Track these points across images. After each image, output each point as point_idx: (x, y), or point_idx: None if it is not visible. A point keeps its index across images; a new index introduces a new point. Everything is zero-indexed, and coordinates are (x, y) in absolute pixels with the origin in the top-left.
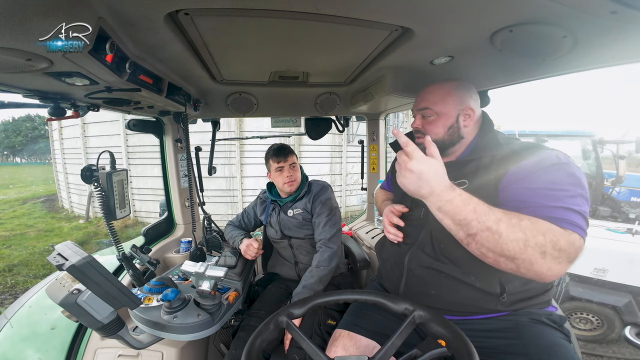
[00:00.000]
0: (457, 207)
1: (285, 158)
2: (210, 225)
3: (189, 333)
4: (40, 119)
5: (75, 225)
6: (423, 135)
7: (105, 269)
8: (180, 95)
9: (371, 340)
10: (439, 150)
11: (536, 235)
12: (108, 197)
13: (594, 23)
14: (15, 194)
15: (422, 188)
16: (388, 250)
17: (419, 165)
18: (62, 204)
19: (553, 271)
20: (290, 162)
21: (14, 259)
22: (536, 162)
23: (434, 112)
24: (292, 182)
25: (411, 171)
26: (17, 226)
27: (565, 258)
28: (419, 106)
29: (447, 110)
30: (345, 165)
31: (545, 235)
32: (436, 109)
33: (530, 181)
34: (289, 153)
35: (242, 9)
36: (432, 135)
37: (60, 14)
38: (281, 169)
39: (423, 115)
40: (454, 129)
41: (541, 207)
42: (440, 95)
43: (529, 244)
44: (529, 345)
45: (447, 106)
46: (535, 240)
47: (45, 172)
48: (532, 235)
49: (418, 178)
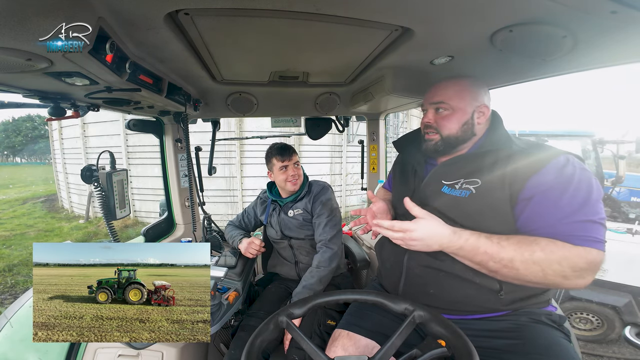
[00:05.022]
0: (469, 252)
1: (290, 157)
2: (210, 225)
3: None
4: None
5: (75, 225)
6: (435, 130)
7: None
8: (180, 95)
9: (371, 340)
10: (448, 146)
11: (552, 265)
12: (108, 197)
13: (594, 23)
14: (15, 194)
15: (433, 247)
16: (387, 250)
17: (418, 234)
18: (62, 204)
19: (580, 285)
20: (294, 160)
21: (14, 259)
22: (555, 172)
23: (450, 106)
24: (296, 181)
25: (415, 240)
26: (17, 226)
27: (588, 274)
28: (432, 100)
29: (463, 106)
30: (345, 165)
31: (562, 263)
32: (452, 103)
33: (550, 196)
34: (293, 152)
35: (242, 9)
36: (445, 130)
37: (60, 14)
38: (285, 168)
39: (437, 109)
40: (468, 125)
41: (561, 223)
42: (455, 90)
43: (547, 274)
44: (529, 345)
45: (463, 102)
46: (552, 269)
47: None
48: (547, 266)
49: (425, 244)
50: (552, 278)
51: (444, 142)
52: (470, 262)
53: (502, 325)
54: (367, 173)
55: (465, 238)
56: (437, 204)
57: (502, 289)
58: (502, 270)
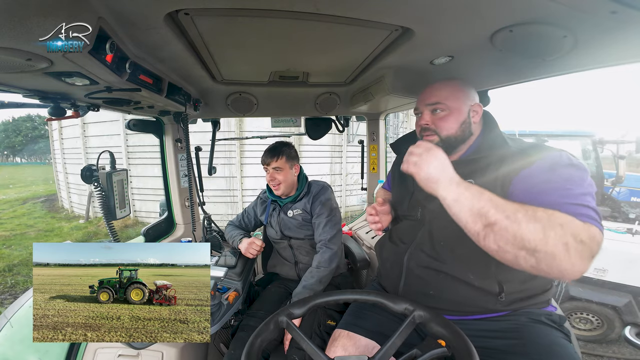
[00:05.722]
0: (474, 195)
1: (269, 161)
2: (210, 225)
3: None
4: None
5: (75, 225)
6: (433, 132)
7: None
8: (180, 95)
9: (371, 340)
10: (448, 147)
11: (554, 227)
12: (108, 197)
13: (594, 23)
14: (15, 193)
15: (445, 170)
16: (387, 250)
17: (436, 150)
18: (62, 204)
19: (577, 268)
20: (273, 165)
21: (14, 259)
22: (549, 162)
23: (447, 107)
24: (276, 186)
25: (431, 151)
26: (17, 226)
27: (588, 253)
28: (428, 101)
29: (459, 105)
30: (345, 165)
31: (564, 227)
32: (449, 103)
33: (545, 180)
34: (275, 156)
35: (242, 9)
36: (444, 131)
37: (60, 13)
38: (266, 170)
39: (434, 110)
40: (466, 124)
41: (556, 204)
42: (450, 90)
43: (548, 236)
44: (529, 345)
45: (459, 101)
46: (554, 231)
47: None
48: (549, 226)
49: (441, 164)
50: (552, 243)
51: (444, 143)
52: (468, 213)
53: (502, 326)
54: (367, 173)
55: (471, 184)
56: (433, 205)
57: (501, 292)
58: (500, 224)
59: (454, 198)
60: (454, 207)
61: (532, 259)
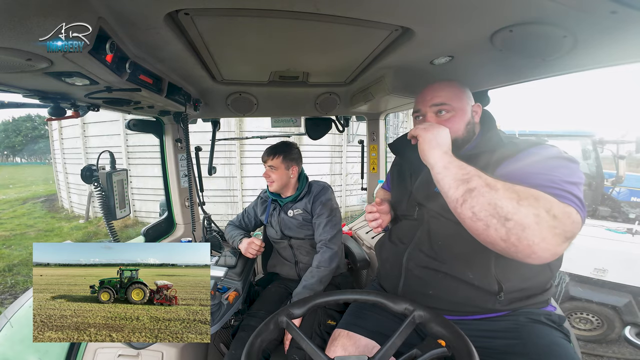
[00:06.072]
0: (461, 166)
1: (265, 158)
2: (210, 225)
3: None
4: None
5: (75, 225)
6: None
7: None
8: (180, 95)
9: (371, 340)
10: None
11: (528, 198)
12: (108, 197)
13: (594, 23)
14: (15, 193)
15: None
16: (387, 250)
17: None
18: (62, 204)
19: (546, 243)
20: (269, 163)
21: (14, 259)
22: (539, 151)
23: (452, 107)
24: (271, 183)
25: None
26: (17, 226)
27: (561, 230)
28: (432, 102)
29: (463, 106)
30: (345, 165)
31: (539, 200)
32: (454, 104)
33: (531, 165)
34: (271, 155)
35: (242, 9)
36: (452, 133)
37: (60, 13)
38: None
39: (439, 111)
40: (471, 124)
41: (539, 186)
42: (452, 90)
43: (521, 205)
44: (529, 345)
45: (462, 102)
46: (527, 201)
47: (45, 172)
48: (524, 196)
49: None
50: (524, 212)
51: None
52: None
53: (501, 326)
54: (367, 173)
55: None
56: (432, 204)
57: (500, 292)
58: (482, 189)
59: (444, 165)
60: (441, 174)
61: (502, 229)
